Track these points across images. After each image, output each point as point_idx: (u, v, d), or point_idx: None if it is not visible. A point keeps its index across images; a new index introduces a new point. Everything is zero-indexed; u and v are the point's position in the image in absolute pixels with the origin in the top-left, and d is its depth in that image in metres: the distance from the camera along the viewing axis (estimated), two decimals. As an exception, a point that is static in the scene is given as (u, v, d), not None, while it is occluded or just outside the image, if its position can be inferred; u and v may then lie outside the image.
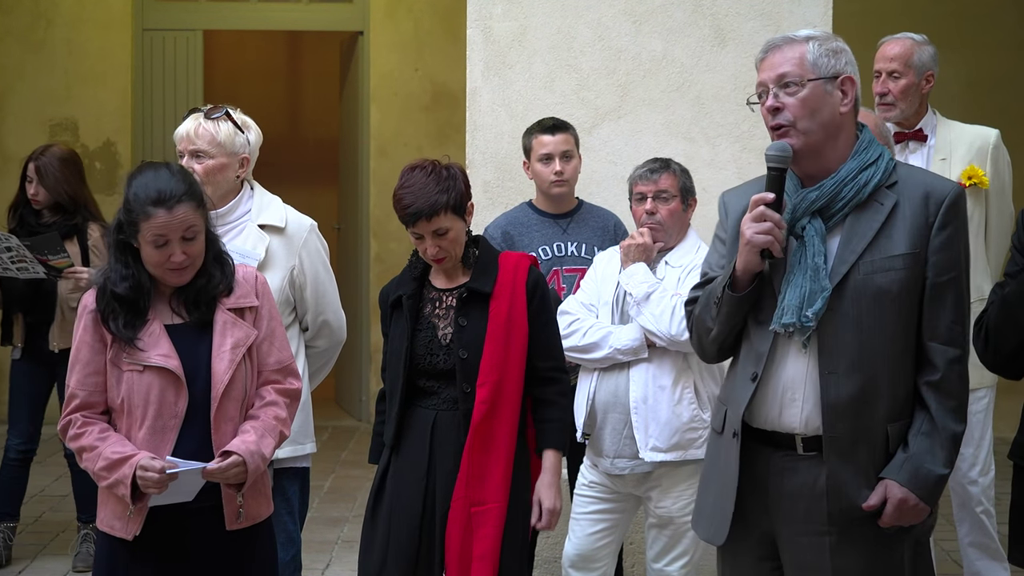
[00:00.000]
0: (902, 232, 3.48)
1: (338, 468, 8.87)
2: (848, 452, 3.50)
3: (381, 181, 10.21)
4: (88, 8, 10.22)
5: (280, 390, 4.04)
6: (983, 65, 9.70)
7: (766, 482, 3.60)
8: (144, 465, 3.77)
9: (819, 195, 3.52)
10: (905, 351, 3.51)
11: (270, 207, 4.83)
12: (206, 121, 4.72)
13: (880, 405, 3.49)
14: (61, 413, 3.96)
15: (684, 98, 6.14)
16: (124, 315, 3.88)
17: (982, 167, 5.75)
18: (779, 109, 3.53)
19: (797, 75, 3.51)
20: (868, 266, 3.48)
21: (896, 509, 3.48)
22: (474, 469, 4.26)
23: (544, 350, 4.39)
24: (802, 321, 3.47)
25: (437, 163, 4.34)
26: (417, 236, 4.30)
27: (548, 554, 5.95)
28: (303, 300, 4.85)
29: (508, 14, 6.16)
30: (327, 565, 6.84)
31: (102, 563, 4.01)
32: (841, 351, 3.49)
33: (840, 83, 3.52)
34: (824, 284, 3.46)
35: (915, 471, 3.47)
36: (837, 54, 3.54)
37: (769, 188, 3.53)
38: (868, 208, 3.51)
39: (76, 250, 6.66)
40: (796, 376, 3.55)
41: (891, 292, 3.46)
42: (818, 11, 6.09)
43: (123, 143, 10.28)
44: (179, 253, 3.87)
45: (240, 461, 3.83)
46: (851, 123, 3.57)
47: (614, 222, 5.68)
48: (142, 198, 3.86)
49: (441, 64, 10.19)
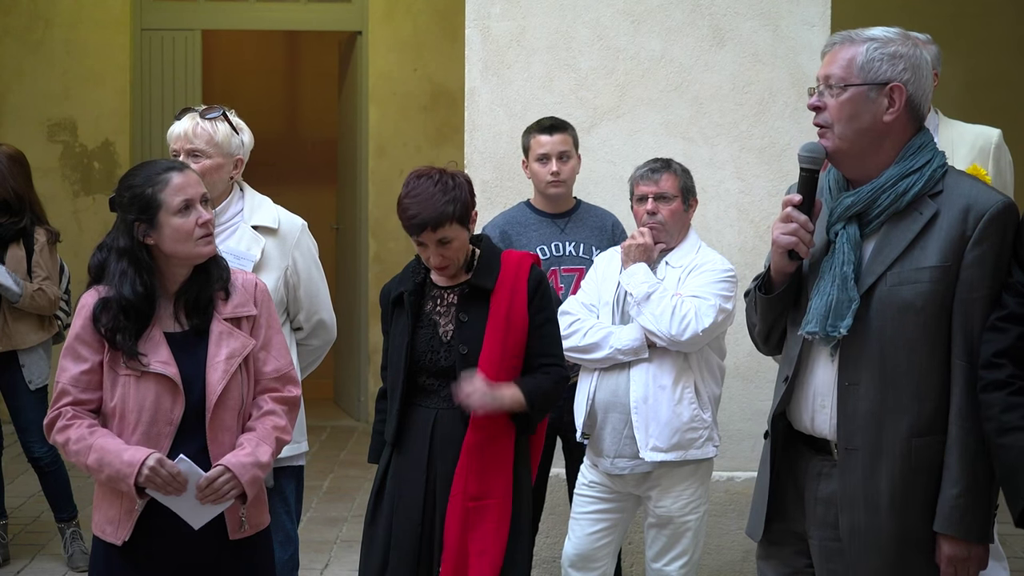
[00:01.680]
0: (936, 244, 3.36)
1: (337, 468, 8.86)
2: (868, 466, 3.43)
3: (380, 181, 10.21)
4: (87, 8, 10.21)
5: (278, 398, 4.03)
6: (981, 65, 9.70)
7: (803, 484, 3.59)
8: (160, 463, 3.77)
9: (855, 200, 3.46)
10: (932, 367, 3.39)
11: (262, 207, 4.84)
12: (203, 121, 4.71)
13: (904, 420, 3.40)
14: (49, 408, 3.93)
15: (683, 98, 6.14)
16: (133, 326, 3.86)
17: (984, 166, 5.75)
18: (820, 109, 3.48)
19: (841, 78, 3.44)
20: (895, 277, 3.39)
21: (948, 564, 3.39)
22: (473, 464, 4.26)
23: (544, 348, 4.39)
24: (827, 331, 3.43)
25: (444, 171, 4.32)
26: (421, 244, 4.30)
27: (547, 554, 5.95)
28: (296, 300, 4.86)
29: (506, 14, 6.16)
30: (326, 565, 6.84)
31: (97, 567, 4.00)
32: (862, 363, 3.43)
33: (889, 91, 3.42)
34: (852, 295, 3.40)
35: (947, 515, 3.37)
36: (895, 59, 3.42)
37: (799, 189, 3.50)
38: (906, 217, 3.41)
39: (21, 254, 6.62)
40: (826, 383, 3.51)
41: (915, 305, 3.37)
42: (817, 11, 6.09)
43: (121, 143, 10.27)
44: (205, 213, 3.90)
45: (225, 473, 3.82)
46: (900, 130, 3.45)
47: (612, 222, 5.68)
48: (151, 173, 3.93)
49: (440, 64, 10.19)
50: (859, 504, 3.44)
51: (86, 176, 10.25)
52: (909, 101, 3.44)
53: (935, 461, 3.39)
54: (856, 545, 3.46)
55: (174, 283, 3.96)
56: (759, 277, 3.65)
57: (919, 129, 3.49)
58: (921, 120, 3.49)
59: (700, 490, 5.05)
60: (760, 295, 3.58)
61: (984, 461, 3.36)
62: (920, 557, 3.43)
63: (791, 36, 6.10)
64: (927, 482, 3.40)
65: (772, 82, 6.09)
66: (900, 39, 3.48)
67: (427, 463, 4.32)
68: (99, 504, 3.97)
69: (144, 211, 3.88)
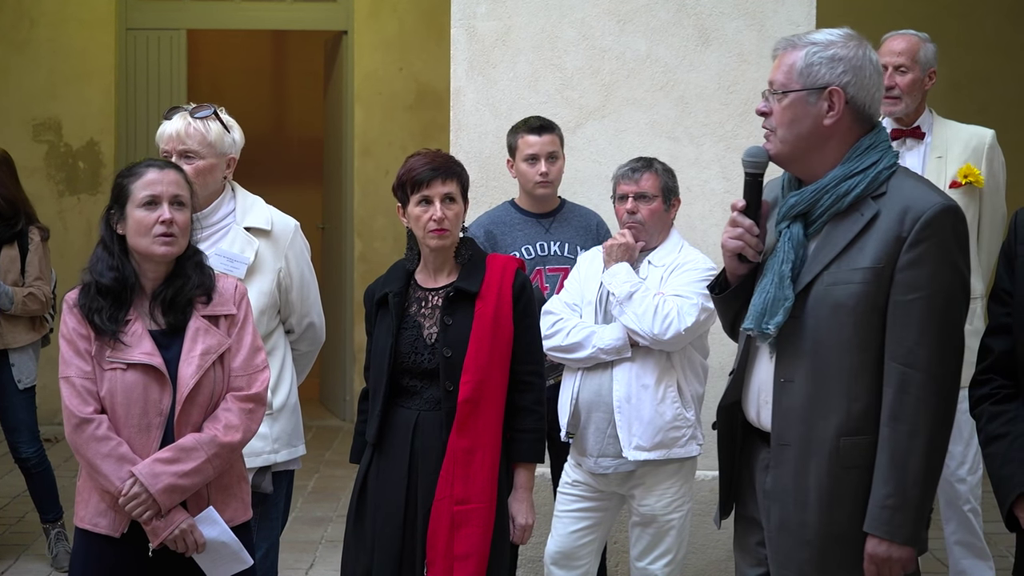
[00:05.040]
0: (873, 245, 3.38)
1: (322, 468, 8.86)
2: (799, 462, 3.46)
3: (365, 180, 10.21)
4: (72, 7, 10.20)
5: (241, 396, 4.00)
6: (965, 64, 9.72)
7: (755, 476, 3.64)
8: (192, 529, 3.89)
9: (798, 201, 3.49)
10: (863, 366, 3.40)
11: (254, 208, 4.75)
12: (195, 120, 4.61)
13: (832, 418, 3.42)
14: (67, 404, 3.88)
15: (668, 97, 6.14)
16: (108, 309, 3.89)
17: (977, 166, 5.77)
18: (767, 114, 3.53)
19: (782, 83, 3.49)
20: (831, 277, 3.41)
21: (871, 563, 3.42)
22: (458, 468, 4.25)
23: (525, 354, 4.39)
24: (762, 328, 3.47)
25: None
26: (425, 201, 4.30)
27: (531, 553, 5.95)
28: (288, 303, 4.78)
29: (492, 13, 6.16)
30: (311, 565, 6.84)
31: (79, 561, 4.00)
32: (797, 361, 3.46)
33: (828, 94, 3.44)
34: (787, 294, 3.44)
35: (876, 515, 3.39)
36: (834, 63, 3.45)
37: (744, 193, 3.56)
38: (848, 218, 3.43)
39: (15, 254, 6.62)
40: (767, 379, 3.55)
41: (847, 305, 3.39)
42: (802, 11, 6.10)
43: (107, 143, 10.25)
44: (168, 212, 3.91)
45: (131, 490, 3.84)
46: (844, 131, 3.46)
47: (596, 221, 5.69)
48: (136, 166, 4.00)
49: (425, 63, 10.20)
50: (789, 499, 3.48)
51: (71, 176, 10.23)
52: (850, 103, 3.46)
53: (866, 461, 3.41)
54: (784, 539, 3.50)
55: (148, 280, 3.97)
56: (717, 276, 3.71)
57: (870, 129, 3.51)
58: (870, 120, 3.51)
59: (684, 489, 5.05)
60: (714, 295, 3.67)
61: (917, 464, 3.35)
62: (847, 554, 3.44)
63: (777, 36, 5.99)
64: (857, 481, 3.42)
65: (758, 82, 6.09)
66: (842, 41, 3.49)
67: (408, 465, 4.31)
68: (87, 497, 3.96)
69: (117, 200, 3.98)
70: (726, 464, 3.73)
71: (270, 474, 4.68)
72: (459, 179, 4.36)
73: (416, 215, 4.32)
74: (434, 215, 4.29)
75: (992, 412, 3.54)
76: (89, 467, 3.89)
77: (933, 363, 3.35)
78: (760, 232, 3.56)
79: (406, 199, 4.34)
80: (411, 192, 4.32)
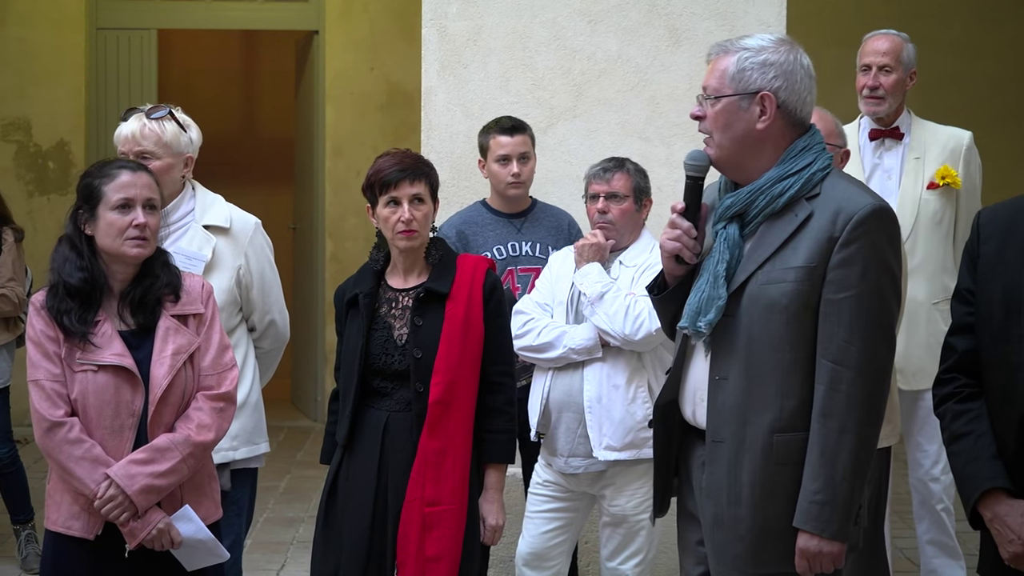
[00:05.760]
0: (806, 245, 3.42)
1: (293, 468, 8.84)
2: (733, 459, 3.49)
3: (337, 181, 10.20)
4: (42, 7, 10.15)
5: (212, 395, 4.00)
6: (934, 65, 9.73)
7: (692, 473, 3.68)
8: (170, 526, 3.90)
9: (734, 202, 3.53)
10: (795, 364, 3.43)
11: (213, 206, 4.77)
12: (150, 121, 4.64)
13: (766, 415, 3.45)
14: (38, 408, 3.87)
15: (639, 98, 6.15)
16: (77, 310, 3.87)
17: (955, 167, 5.80)
18: (701, 118, 3.57)
19: (715, 88, 3.54)
20: (765, 276, 3.45)
21: (801, 558, 3.44)
22: (428, 470, 4.25)
23: (495, 355, 4.40)
24: (695, 327, 3.51)
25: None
26: (393, 202, 4.30)
27: (503, 553, 5.95)
28: (249, 300, 4.80)
29: (463, 13, 6.16)
30: (282, 566, 6.83)
31: (49, 564, 3.98)
32: (731, 359, 3.49)
33: (760, 99, 3.49)
34: (720, 293, 3.48)
35: (805, 510, 3.42)
36: (765, 68, 3.50)
37: (684, 195, 3.60)
38: (782, 218, 3.48)
39: None
40: (702, 377, 3.58)
41: (780, 304, 3.42)
42: (772, 11, 6.11)
43: (77, 143, 10.22)
44: (142, 216, 3.89)
45: (107, 492, 3.83)
46: (778, 135, 3.51)
47: (568, 221, 5.69)
48: (104, 168, 3.97)
49: (396, 63, 10.19)
50: (723, 494, 3.51)
51: (41, 176, 10.19)
52: (782, 107, 3.51)
53: (798, 457, 3.44)
54: (719, 534, 3.54)
55: (116, 280, 3.96)
56: (655, 277, 3.74)
57: (804, 132, 3.55)
58: (803, 123, 3.56)
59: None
60: (652, 296, 3.71)
61: (846, 460, 3.39)
62: (779, 549, 3.47)
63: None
64: (790, 477, 3.45)
65: (728, 82, 6.11)
66: (773, 47, 3.54)
67: (378, 466, 4.31)
68: (58, 500, 3.94)
69: (87, 201, 3.95)
70: (661, 463, 3.77)
71: (228, 471, 4.67)
72: (428, 179, 4.36)
73: (384, 216, 4.32)
74: (402, 216, 4.29)
75: (956, 411, 3.58)
76: (62, 470, 3.87)
77: (863, 360, 3.40)
78: (699, 234, 3.61)
79: (375, 200, 4.35)
80: (379, 193, 4.32)
